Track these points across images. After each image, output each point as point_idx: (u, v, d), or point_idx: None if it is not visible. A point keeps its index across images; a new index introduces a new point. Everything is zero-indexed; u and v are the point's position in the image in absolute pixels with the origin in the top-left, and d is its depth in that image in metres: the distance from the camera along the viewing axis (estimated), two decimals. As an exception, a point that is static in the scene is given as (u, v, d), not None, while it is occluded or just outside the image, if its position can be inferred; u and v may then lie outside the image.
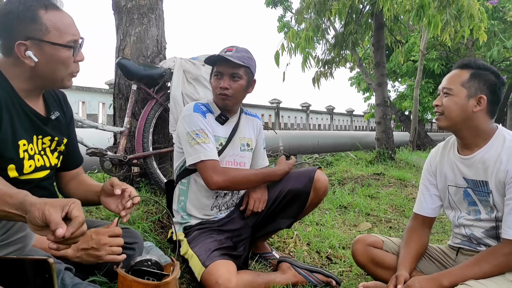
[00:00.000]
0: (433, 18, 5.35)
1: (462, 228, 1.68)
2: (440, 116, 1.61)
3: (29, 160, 1.31)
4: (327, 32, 7.02)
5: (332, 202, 3.54)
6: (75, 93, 7.55)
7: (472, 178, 1.61)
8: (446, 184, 1.72)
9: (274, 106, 12.63)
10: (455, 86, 1.56)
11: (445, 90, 1.59)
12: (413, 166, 6.28)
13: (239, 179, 1.90)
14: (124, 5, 2.80)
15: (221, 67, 1.88)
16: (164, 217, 2.35)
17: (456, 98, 1.56)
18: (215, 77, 1.91)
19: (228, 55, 1.85)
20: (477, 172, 1.59)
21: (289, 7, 13.34)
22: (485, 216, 1.60)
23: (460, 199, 1.68)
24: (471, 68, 1.58)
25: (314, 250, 2.40)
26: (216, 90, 1.90)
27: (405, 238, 1.77)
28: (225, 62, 1.86)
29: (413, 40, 12.32)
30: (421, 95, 12.80)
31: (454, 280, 1.47)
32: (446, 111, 1.58)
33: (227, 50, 1.90)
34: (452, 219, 1.74)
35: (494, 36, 9.57)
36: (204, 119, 1.89)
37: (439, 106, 1.60)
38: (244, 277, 1.70)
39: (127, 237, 1.66)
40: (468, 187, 1.63)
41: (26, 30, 1.23)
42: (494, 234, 1.60)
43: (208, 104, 1.98)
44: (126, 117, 2.67)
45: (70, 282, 1.15)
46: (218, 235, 1.88)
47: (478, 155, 1.58)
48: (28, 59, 1.23)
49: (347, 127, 16.89)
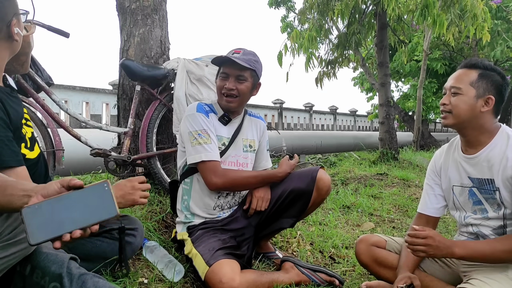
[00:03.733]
0: (438, 18, 5.34)
1: (470, 226, 1.69)
2: (447, 114, 1.61)
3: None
4: (330, 32, 7.01)
5: (335, 202, 3.54)
6: (79, 94, 7.57)
7: (478, 177, 1.61)
8: (451, 185, 1.72)
9: (277, 106, 12.64)
10: (464, 86, 1.57)
11: (454, 90, 1.59)
12: (416, 166, 6.27)
13: (238, 181, 1.92)
14: (128, 6, 2.81)
15: (228, 69, 1.90)
16: (168, 216, 2.36)
17: (465, 97, 1.56)
18: (221, 77, 1.92)
19: (235, 57, 1.87)
20: (483, 170, 1.59)
21: (292, 7, 13.35)
22: (493, 214, 1.60)
23: (465, 199, 1.68)
24: (479, 68, 1.58)
25: (317, 249, 2.41)
26: (221, 90, 1.91)
27: None
28: (232, 64, 1.88)
29: (417, 40, 12.29)
30: (425, 95, 12.79)
31: (465, 252, 1.51)
32: (455, 109, 1.58)
33: (234, 52, 1.92)
34: (458, 219, 1.74)
35: (497, 35, 9.54)
36: (207, 119, 1.90)
37: (447, 105, 1.61)
38: (247, 276, 1.71)
39: (126, 223, 1.70)
40: (474, 186, 1.64)
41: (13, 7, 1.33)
42: (502, 233, 1.60)
43: (211, 105, 1.99)
44: (130, 117, 2.68)
45: (77, 272, 1.17)
46: (222, 234, 1.89)
47: (483, 153, 1.59)
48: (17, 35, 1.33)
49: (350, 127, 16.88)
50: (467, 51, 12.35)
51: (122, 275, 1.65)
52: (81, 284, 1.14)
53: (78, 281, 1.15)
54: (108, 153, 2.54)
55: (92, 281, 1.16)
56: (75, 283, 1.15)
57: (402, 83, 15.98)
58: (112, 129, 2.69)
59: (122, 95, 2.85)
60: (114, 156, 2.57)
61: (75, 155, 3.13)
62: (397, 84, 16.57)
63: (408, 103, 13.93)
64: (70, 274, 1.15)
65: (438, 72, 12.73)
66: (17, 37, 1.32)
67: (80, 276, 1.16)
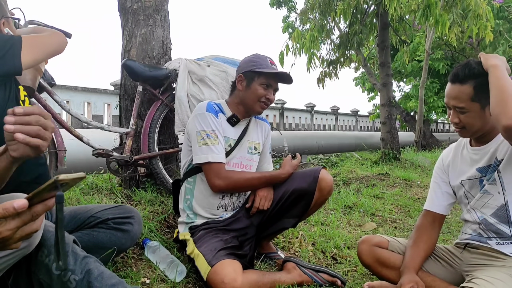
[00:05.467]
0: (440, 18, 5.34)
1: (474, 213, 1.68)
2: (462, 130, 1.63)
3: None
4: (331, 32, 7.01)
5: (337, 202, 3.54)
6: (81, 94, 7.59)
7: (485, 165, 1.63)
8: (460, 180, 1.73)
9: (278, 106, 12.63)
10: (466, 104, 1.56)
11: (458, 110, 1.59)
12: (418, 166, 6.26)
13: (241, 183, 1.93)
14: (130, 6, 2.82)
15: (273, 81, 1.98)
16: (170, 216, 2.36)
17: (473, 113, 1.57)
18: (263, 87, 1.96)
19: (282, 72, 1.99)
20: (489, 156, 1.62)
21: (294, 7, 13.34)
22: (496, 194, 1.61)
23: (476, 191, 1.68)
24: (470, 79, 1.55)
25: (319, 250, 2.40)
26: (261, 98, 1.97)
27: (414, 237, 1.77)
28: (276, 76, 1.98)
29: (418, 40, 12.29)
30: (426, 95, 12.77)
31: None
32: (468, 126, 1.60)
33: (271, 63, 2.00)
34: (464, 208, 1.74)
35: (499, 35, 9.52)
36: (216, 119, 1.91)
37: (459, 123, 1.62)
38: (249, 276, 1.71)
39: (121, 212, 1.70)
40: (482, 176, 1.64)
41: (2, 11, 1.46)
42: (505, 216, 1.59)
43: (220, 104, 2.01)
44: (132, 118, 2.68)
45: (81, 253, 1.19)
46: (224, 234, 1.89)
47: (492, 144, 1.62)
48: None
49: (352, 127, 16.87)
50: (469, 51, 12.33)
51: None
52: (84, 265, 1.16)
53: (82, 262, 1.17)
54: (110, 154, 2.54)
55: (95, 265, 1.18)
56: (79, 263, 1.16)
57: (404, 83, 15.96)
58: (114, 130, 2.70)
59: (124, 95, 2.85)
60: (116, 156, 2.57)
61: (77, 156, 3.13)
62: (399, 84, 16.57)
63: (409, 103, 13.91)
64: (75, 254, 1.17)
65: (440, 72, 12.72)
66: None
67: (84, 258, 1.18)
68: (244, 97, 1.98)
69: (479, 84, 1.53)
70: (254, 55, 2.04)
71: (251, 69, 1.95)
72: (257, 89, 1.95)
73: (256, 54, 2.04)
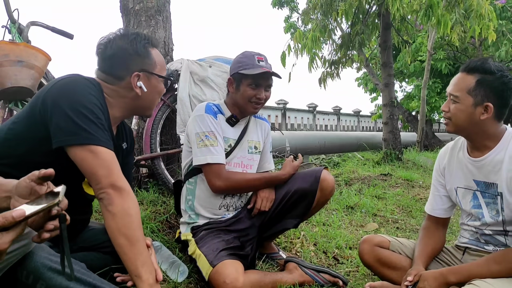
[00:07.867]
0: (443, 18, 5.32)
1: (471, 221, 1.68)
2: (448, 121, 1.61)
3: None
4: (333, 32, 6.99)
5: (339, 203, 3.54)
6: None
7: (483, 180, 1.60)
8: (455, 186, 1.71)
9: (280, 106, 12.62)
10: (461, 94, 1.54)
11: (452, 97, 1.57)
12: (420, 166, 6.25)
13: (242, 184, 1.94)
14: (132, 7, 2.83)
15: (261, 80, 1.92)
16: (172, 217, 2.37)
17: (463, 106, 1.54)
18: (251, 87, 1.92)
19: (268, 67, 1.92)
20: (488, 173, 1.58)
21: (296, 7, 13.35)
22: (490, 220, 1.60)
23: (466, 202, 1.67)
24: (478, 72, 1.53)
25: (321, 250, 2.40)
26: (251, 99, 1.93)
27: (421, 236, 1.78)
28: (265, 74, 1.90)
29: (420, 40, 12.25)
30: (429, 95, 12.74)
31: (461, 278, 1.48)
32: (453, 118, 1.58)
33: (258, 60, 1.93)
34: (463, 214, 1.73)
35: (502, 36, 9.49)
36: (215, 120, 1.91)
37: (447, 112, 1.60)
38: (251, 276, 1.71)
39: None
40: (478, 190, 1.62)
41: (142, 63, 1.46)
42: (501, 230, 1.59)
43: (219, 105, 2.00)
44: (133, 118, 2.69)
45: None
46: (226, 235, 1.89)
47: (488, 157, 1.57)
48: (139, 88, 1.44)
49: (354, 127, 16.84)
50: (472, 51, 12.29)
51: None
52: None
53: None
54: (112, 154, 2.55)
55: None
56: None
57: (406, 83, 15.92)
58: (116, 130, 2.70)
59: (126, 96, 2.85)
60: (118, 156, 2.57)
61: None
62: (401, 85, 16.52)
63: (412, 104, 13.88)
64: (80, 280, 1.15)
65: (442, 72, 12.67)
66: (138, 89, 1.44)
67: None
68: (235, 98, 1.97)
69: (483, 80, 1.51)
70: (242, 54, 2.00)
71: (238, 71, 1.94)
72: (246, 91, 1.93)
73: (244, 53, 1.99)
